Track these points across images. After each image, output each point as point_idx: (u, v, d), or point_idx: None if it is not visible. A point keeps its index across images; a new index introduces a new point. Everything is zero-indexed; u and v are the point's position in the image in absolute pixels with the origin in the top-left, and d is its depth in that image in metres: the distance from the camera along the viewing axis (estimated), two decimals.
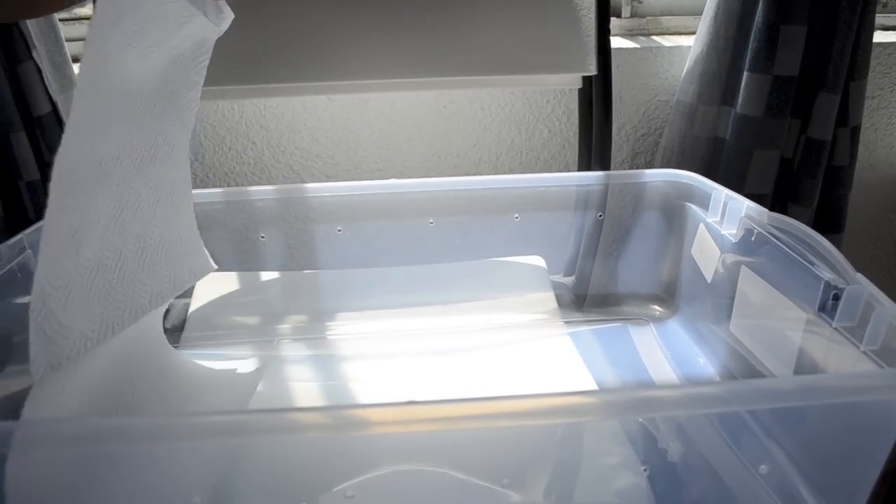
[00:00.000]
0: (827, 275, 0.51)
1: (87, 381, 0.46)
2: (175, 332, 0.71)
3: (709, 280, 0.68)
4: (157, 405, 0.56)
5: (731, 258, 0.64)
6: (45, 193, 0.95)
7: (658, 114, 1.07)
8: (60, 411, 0.42)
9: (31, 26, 0.85)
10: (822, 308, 0.51)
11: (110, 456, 0.44)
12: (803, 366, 0.54)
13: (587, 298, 0.78)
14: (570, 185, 0.76)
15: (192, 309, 0.73)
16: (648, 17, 1.11)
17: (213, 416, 0.38)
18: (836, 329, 0.50)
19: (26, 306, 0.59)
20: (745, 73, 0.94)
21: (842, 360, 0.49)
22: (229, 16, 0.50)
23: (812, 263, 0.53)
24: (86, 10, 1.01)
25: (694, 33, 0.99)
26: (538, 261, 0.77)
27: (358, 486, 0.45)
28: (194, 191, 0.72)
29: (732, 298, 0.64)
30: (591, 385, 0.63)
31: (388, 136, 1.05)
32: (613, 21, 0.88)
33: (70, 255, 0.42)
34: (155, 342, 0.60)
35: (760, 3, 0.91)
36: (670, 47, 1.05)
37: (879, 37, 1.08)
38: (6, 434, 0.35)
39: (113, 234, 0.46)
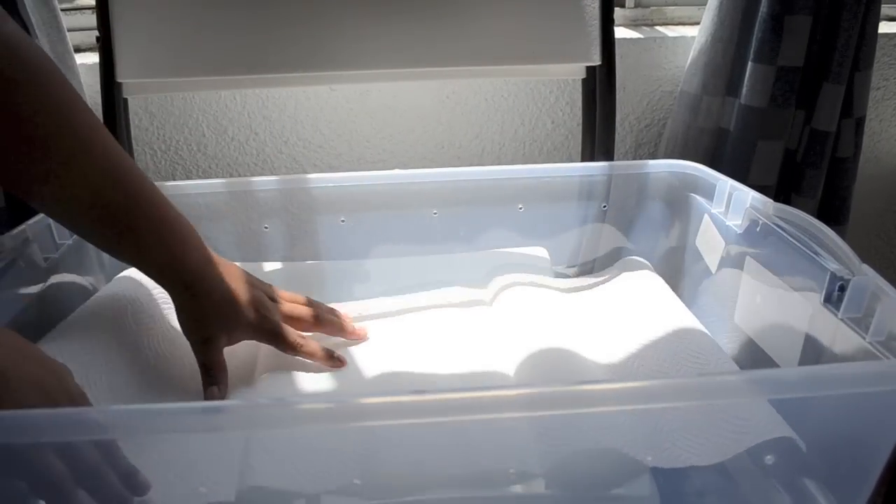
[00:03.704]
0: (832, 266, 0.51)
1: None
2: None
3: (713, 271, 0.67)
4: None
5: (735, 249, 0.64)
6: None
7: (662, 104, 1.07)
8: None
9: (33, 16, 0.84)
10: (827, 299, 0.51)
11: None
12: (808, 357, 0.54)
13: None
14: (574, 175, 0.75)
15: None
16: (652, 8, 1.10)
17: (219, 406, 0.38)
18: (841, 320, 0.50)
19: (29, 296, 0.59)
20: (750, 64, 0.94)
21: (847, 351, 0.49)
22: None
23: (817, 254, 0.53)
24: None
25: (698, 24, 0.99)
26: (541, 251, 0.76)
27: (365, 473, 0.45)
28: (196, 181, 0.72)
29: (737, 289, 0.64)
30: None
31: (391, 127, 1.05)
32: (617, 11, 0.88)
33: None
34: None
35: None
36: (674, 38, 1.04)
37: (885, 27, 1.07)
38: None
39: None
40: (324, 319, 0.63)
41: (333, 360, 0.60)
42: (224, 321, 0.56)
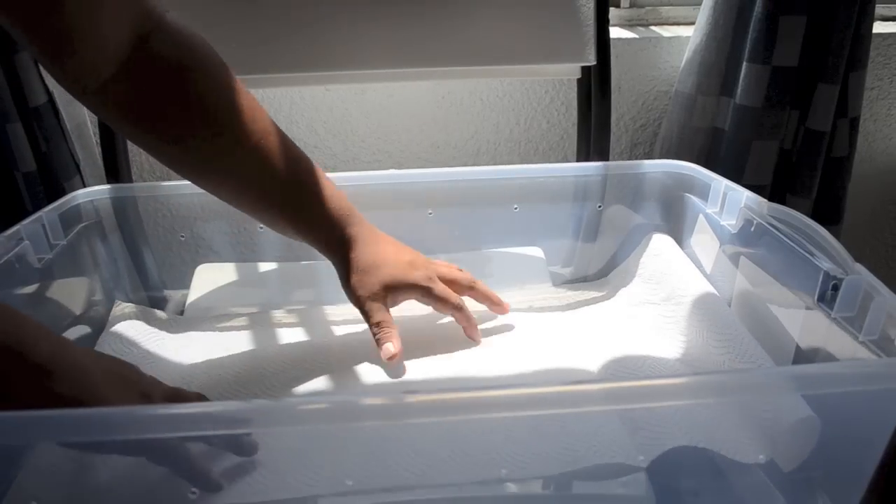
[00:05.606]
0: (826, 265, 0.51)
1: None
2: None
3: (708, 271, 0.68)
4: None
5: (730, 249, 0.64)
6: (41, 184, 0.94)
7: (657, 105, 1.07)
8: None
9: None
10: (821, 298, 0.51)
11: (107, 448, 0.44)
12: (802, 356, 0.54)
13: None
14: (569, 175, 0.76)
15: (189, 299, 0.73)
16: (647, 7, 1.10)
17: (209, 407, 0.38)
18: (834, 319, 0.50)
19: (24, 297, 0.59)
20: (745, 64, 0.94)
21: (840, 349, 0.49)
22: None
23: (811, 254, 0.53)
24: None
25: (693, 24, 0.99)
26: (537, 251, 0.76)
27: (357, 474, 0.45)
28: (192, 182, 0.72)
29: (731, 289, 0.64)
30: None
31: (387, 127, 1.05)
32: (612, 11, 0.88)
33: None
34: None
35: None
36: (669, 38, 1.04)
37: (879, 27, 1.08)
38: None
39: None
40: (476, 286, 0.65)
41: (475, 331, 0.63)
42: (384, 280, 0.61)
